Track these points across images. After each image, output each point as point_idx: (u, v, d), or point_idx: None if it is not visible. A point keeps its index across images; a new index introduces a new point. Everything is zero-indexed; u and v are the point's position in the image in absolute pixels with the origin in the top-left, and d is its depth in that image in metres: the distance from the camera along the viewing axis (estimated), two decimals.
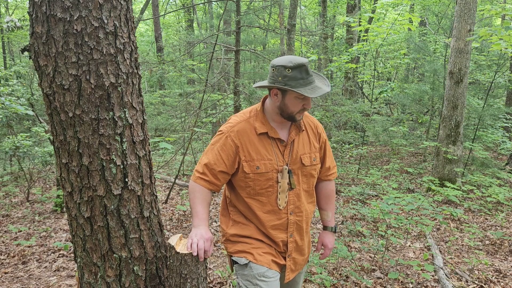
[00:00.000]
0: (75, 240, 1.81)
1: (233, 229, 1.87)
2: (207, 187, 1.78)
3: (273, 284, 1.77)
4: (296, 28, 10.72)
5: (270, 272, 1.78)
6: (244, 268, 1.79)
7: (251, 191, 1.79)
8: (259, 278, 1.75)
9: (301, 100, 1.71)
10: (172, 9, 19.80)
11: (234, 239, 1.86)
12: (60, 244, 3.99)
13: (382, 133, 9.19)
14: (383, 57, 12.85)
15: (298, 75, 1.67)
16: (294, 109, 1.73)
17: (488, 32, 5.07)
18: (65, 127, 1.67)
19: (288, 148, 1.82)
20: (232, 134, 1.77)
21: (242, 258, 1.80)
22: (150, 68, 9.98)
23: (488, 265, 3.68)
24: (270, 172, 1.77)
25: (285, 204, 1.81)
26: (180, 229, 4.70)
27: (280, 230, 1.83)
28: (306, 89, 1.67)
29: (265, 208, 1.80)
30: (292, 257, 1.89)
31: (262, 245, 1.82)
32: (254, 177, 1.77)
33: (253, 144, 1.77)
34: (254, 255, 1.79)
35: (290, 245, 1.86)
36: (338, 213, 5.24)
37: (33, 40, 1.63)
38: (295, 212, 1.85)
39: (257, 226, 1.83)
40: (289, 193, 1.81)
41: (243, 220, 1.86)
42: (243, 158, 1.76)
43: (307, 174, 1.87)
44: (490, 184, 5.91)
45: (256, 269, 1.76)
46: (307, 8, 18.01)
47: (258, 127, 1.78)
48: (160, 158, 9.12)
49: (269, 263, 1.79)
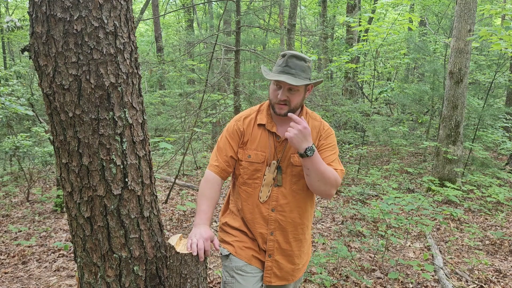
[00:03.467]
0: (75, 240, 1.81)
1: (225, 218, 1.96)
2: (217, 174, 1.83)
3: (250, 279, 1.77)
4: (296, 28, 10.72)
5: (249, 268, 1.80)
6: (225, 259, 1.85)
7: (240, 180, 1.86)
8: (236, 271, 1.78)
9: (277, 89, 1.75)
10: (172, 9, 19.81)
11: (224, 227, 1.94)
12: (60, 244, 3.99)
13: (382, 133, 9.19)
14: (383, 57, 12.85)
15: (279, 62, 1.76)
16: (272, 98, 1.79)
17: (488, 32, 5.07)
18: (65, 127, 1.67)
19: (283, 145, 1.83)
20: (239, 122, 1.87)
21: (224, 249, 1.86)
22: (150, 68, 9.99)
23: (488, 265, 3.68)
24: (259, 164, 1.81)
25: (266, 198, 1.81)
26: (180, 229, 4.70)
27: (261, 225, 1.83)
28: (272, 73, 1.76)
29: (249, 200, 1.84)
30: (274, 258, 1.83)
31: (245, 239, 1.86)
32: (244, 164, 1.83)
33: (252, 134, 1.85)
34: (235, 248, 1.83)
35: (270, 243, 1.82)
36: (338, 213, 5.24)
37: (33, 40, 1.63)
38: (278, 210, 1.81)
39: (243, 218, 1.88)
40: (273, 189, 1.81)
41: (235, 211, 1.92)
42: (242, 144, 1.84)
43: (296, 174, 1.82)
44: (490, 184, 5.91)
45: (235, 262, 1.80)
46: (307, 8, 18.01)
47: (259, 119, 1.86)
48: (160, 158, 9.12)
49: (249, 258, 1.81)
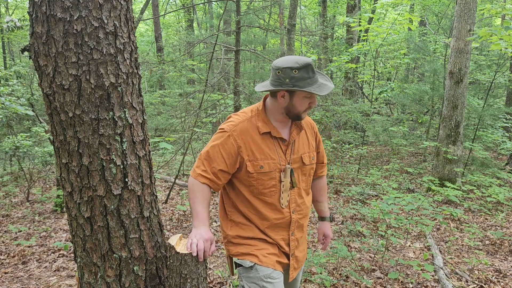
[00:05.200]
0: (75, 240, 1.81)
1: (234, 231, 1.84)
2: (207, 185, 1.74)
3: (279, 285, 1.77)
4: (296, 28, 10.72)
5: (276, 273, 1.78)
6: (249, 271, 1.77)
7: (254, 190, 1.78)
8: (265, 280, 1.74)
9: (308, 99, 1.74)
10: (172, 9, 19.81)
11: (237, 241, 1.83)
12: (60, 244, 3.99)
13: (382, 133, 9.20)
14: (383, 57, 12.85)
15: (306, 75, 1.68)
16: (301, 108, 1.75)
17: (488, 32, 5.07)
18: (65, 127, 1.67)
19: (290, 148, 1.83)
20: (235, 134, 1.75)
21: (246, 261, 1.78)
22: (150, 68, 9.99)
23: (488, 265, 3.68)
24: (273, 172, 1.77)
25: (287, 203, 1.82)
26: (180, 229, 4.70)
27: (282, 228, 1.84)
28: (315, 87, 1.69)
29: (267, 208, 1.80)
30: (295, 255, 1.90)
31: (266, 246, 1.81)
32: (257, 176, 1.76)
33: (256, 144, 1.76)
34: (258, 257, 1.77)
35: (292, 244, 1.87)
36: (338, 213, 5.24)
37: (33, 40, 1.63)
38: (297, 211, 1.86)
39: (257, 226, 1.82)
40: (290, 192, 1.83)
41: (243, 221, 1.83)
42: (246, 157, 1.74)
43: (306, 173, 1.90)
44: (490, 184, 5.90)
45: (262, 271, 1.75)
46: (307, 8, 18.01)
47: (261, 126, 1.77)
48: (160, 158, 9.11)
49: (274, 264, 1.79)
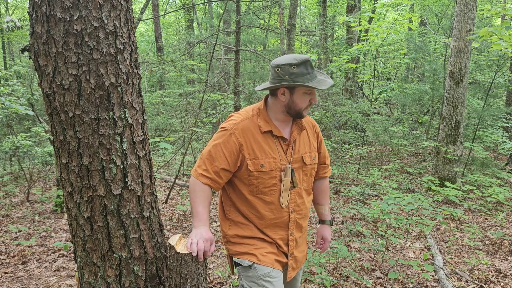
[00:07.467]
0: (75, 240, 1.81)
1: (233, 230, 1.85)
2: (209, 185, 1.74)
3: (278, 283, 1.77)
4: (296, 28, 10.72)
5: (275, 272, 1.78)
6: (248, 270, 1.78)
7: (254, 189, 1.79)
8: (264, 279, 1.75)
9: (308, 95, 1.75)
10: (172, 9, 19.81)
11: (235, 240, 1.84)
12: (60, 244, 3.99)
13: (382, 133, 9.19)
14: (383, 57, 12.85)
15: (304, 70, 1.70)
16: (302, 105, 1.76)
17: (488, 32, 5.07)
18: (65, 127, 1.67)
19: (291, 147, 1.83)
20: (236, 132, 1.75)
21: (245, 260, 1.79)
22: (150, 68, 9.99)
23: (488, 265, 3.68)
24: (274, 171, 1.77)
25: (287, 203, 1.82)
26: (180, 229, 4.70)
27: (280, 228, 1.84)
28: (314, 82, 1.71)
29: (267, 207, 1.80)
30: (293, 255, 1.90)
31: (265, 245, 1.82)
32: (258, 175, 1.76)
33: (257, 142, 1.76)
34: (257, 256, 1.78)
35: (291, 243, 1.87)
36: (338, 213, 5.24)
37: (33, 40, 1.63)
38: (296, 211, 1.86)
39: (256, 225, 1.82)
40: (291, 192, 1.82)
41: (242, 220, 1.84)
42: (247, 156, 1.75)
43: (307, 173, 1.90)
44: (490, 184, 5.90)
45: (261, 270, 1.76)
46: (307, 8, 18.01)
47: (263, 125, 1.78)
48: (160, 158, 9.11)
49: (272, 263, 1.79)
